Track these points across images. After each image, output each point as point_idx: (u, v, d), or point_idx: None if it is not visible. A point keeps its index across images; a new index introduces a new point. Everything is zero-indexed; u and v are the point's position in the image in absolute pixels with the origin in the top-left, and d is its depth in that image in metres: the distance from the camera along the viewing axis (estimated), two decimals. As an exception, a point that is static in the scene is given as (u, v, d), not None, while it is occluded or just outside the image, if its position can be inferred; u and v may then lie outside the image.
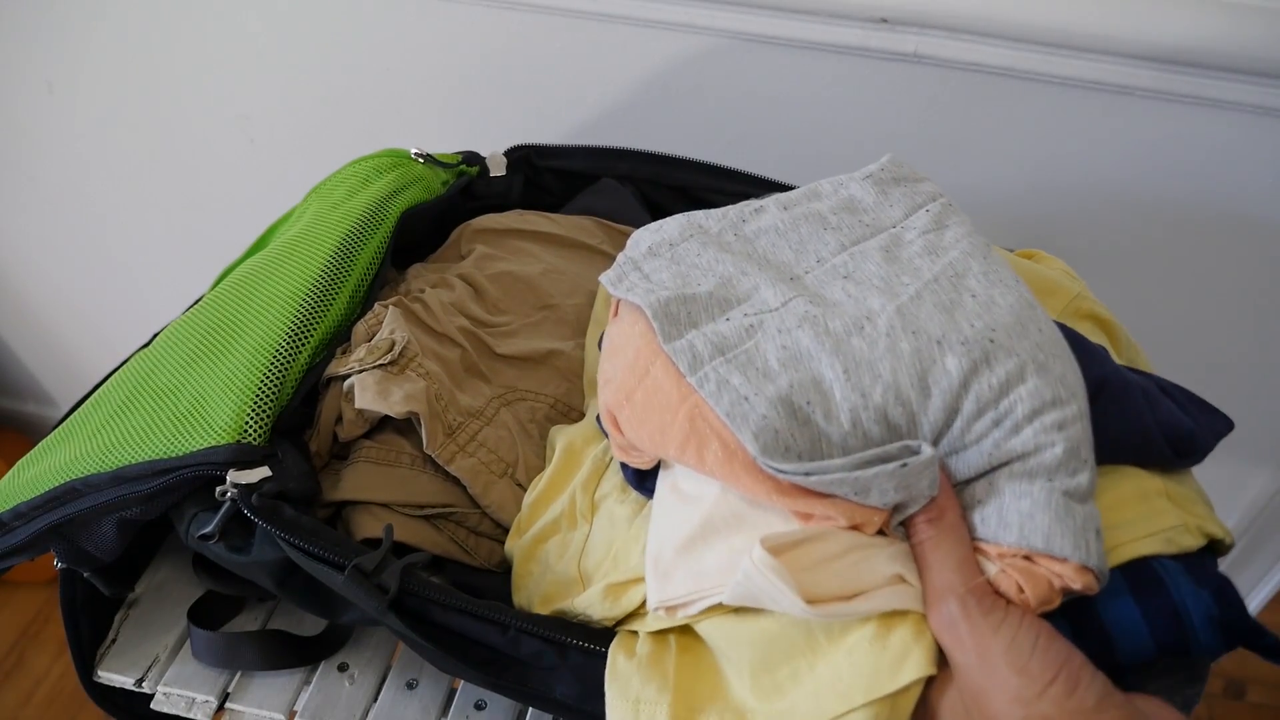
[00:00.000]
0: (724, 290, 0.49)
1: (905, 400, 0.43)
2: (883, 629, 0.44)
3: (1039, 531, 0.42)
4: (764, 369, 0.45)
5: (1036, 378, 0.43)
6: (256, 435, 0.54)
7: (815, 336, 0.45)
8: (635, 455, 0.52)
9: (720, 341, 0.47)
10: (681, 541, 0.47)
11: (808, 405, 0.44)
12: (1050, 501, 0.42)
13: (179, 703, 0.62)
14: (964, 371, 0.43)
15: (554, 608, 0.54)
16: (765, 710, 0.45)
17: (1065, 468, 0.43)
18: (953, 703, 0.43)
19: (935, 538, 0.44)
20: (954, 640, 0.42)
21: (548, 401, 0.64)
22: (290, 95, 1.09)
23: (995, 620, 0.41)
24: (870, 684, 0.43)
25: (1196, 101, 0.82)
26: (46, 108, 1.20)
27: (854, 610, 0.43)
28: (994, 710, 0.40)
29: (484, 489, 0.57)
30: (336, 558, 0.51)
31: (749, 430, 0.43)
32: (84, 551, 0.58)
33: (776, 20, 0.87)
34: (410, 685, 0.62)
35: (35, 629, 1.61)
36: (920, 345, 0.44)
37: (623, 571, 0.52)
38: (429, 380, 0.59)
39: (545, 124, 1.02)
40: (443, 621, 0.52)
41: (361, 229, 0.66)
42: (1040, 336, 0.44)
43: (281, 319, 0.59)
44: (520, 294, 0.70)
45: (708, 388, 0.45)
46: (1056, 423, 0.43)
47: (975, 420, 0.43)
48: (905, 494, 0.43)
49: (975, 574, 0.43)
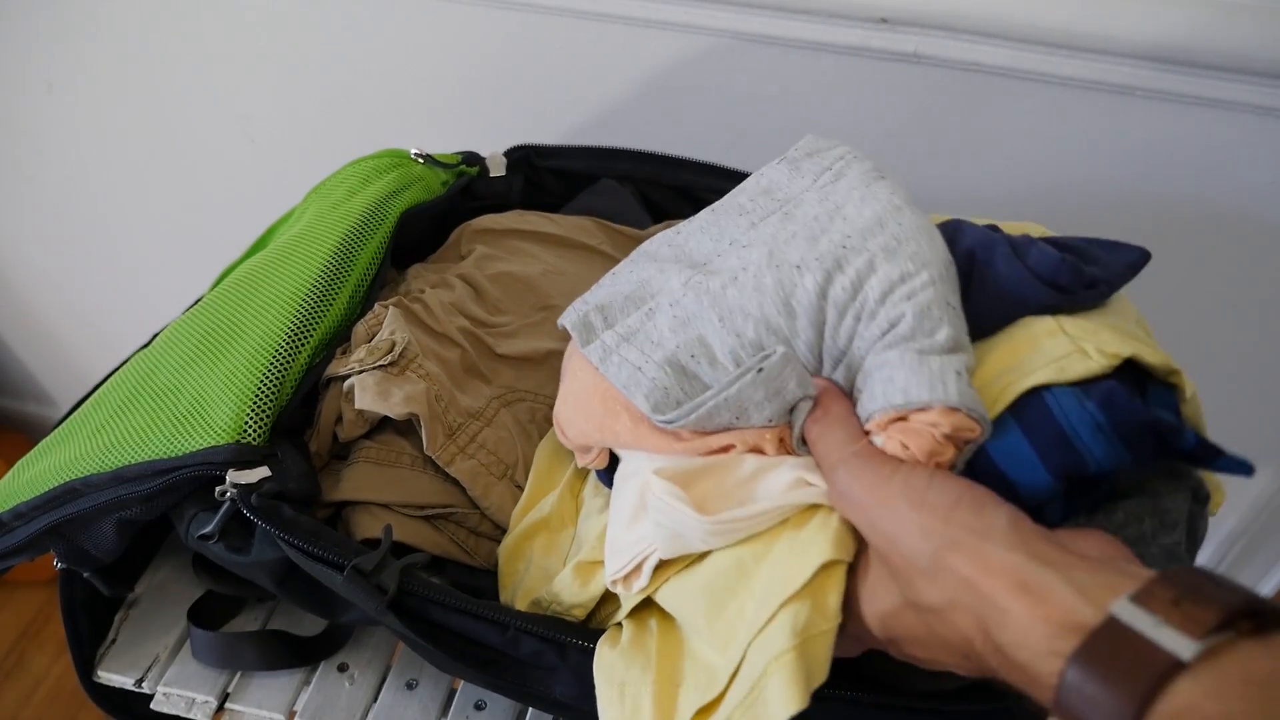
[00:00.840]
0: (640, 291, 0.53)
1: (776, 328, 0.46)
2: (794, 531, 0.45)
3: (897, 389, 0.43)
4: (657, 340, 0.49)
5: (885, 264, 0.45)
6: (256, 435, 0.54)
7: (697, 299, 0.49)
8: (584, 455, 0.55)
9: (626, 331, 0.51)
10: (627, 517, 0.50)
11: (693, 359, 0.48)
12: (904, 360, 0.44)
13: (178, 703, 0.62)
14: (819, 284, 0.46)
15: (531, 599, 0.55)
16: (726, 659, 0.45)
17: (921, 329, 0.44)
18: (875, 583, 0.43)
19: (822, 432, 0.45)
20: (853, 505, 0.42)
21: (547, 402, 0.64)
22: (290, 95, 1.09)
23: (886, 471, 0.42)
24: (785, 585, 0.43)
25: (1196, 101, 0.81)
26: (46, 108, 1.20)
27: (748, 514, 0.45)
28: (906, 555, 0.40)
29: (484, 491, 0.57)
30: (336, 558, 0.51)
31: (641, 394, 0.47)
32: (84, 551, 0.57)
33: (776, 20, 0.87)
34: (410, 685, 0.62)
35: (35, 629, 1.61)
36: (782, 275, 0.47)
37: (589, 552, 0.54)
38: (429, 381, 0.59)
39: (545, 124, 1.02)
40: (442, 621, 0.52)
41: (361, 229, 0.66)
42: (897, 229, 0.47)
43: (281, 319, 0.59)
44: (520, 294, 0.70)
45: (610, 369, 0.49)
46: (904, 295, 0.45)
47: (840, 324, 0.46)
48: (779, 400, 0.46)
49: (859, 440, 0.44)
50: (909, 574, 0.40)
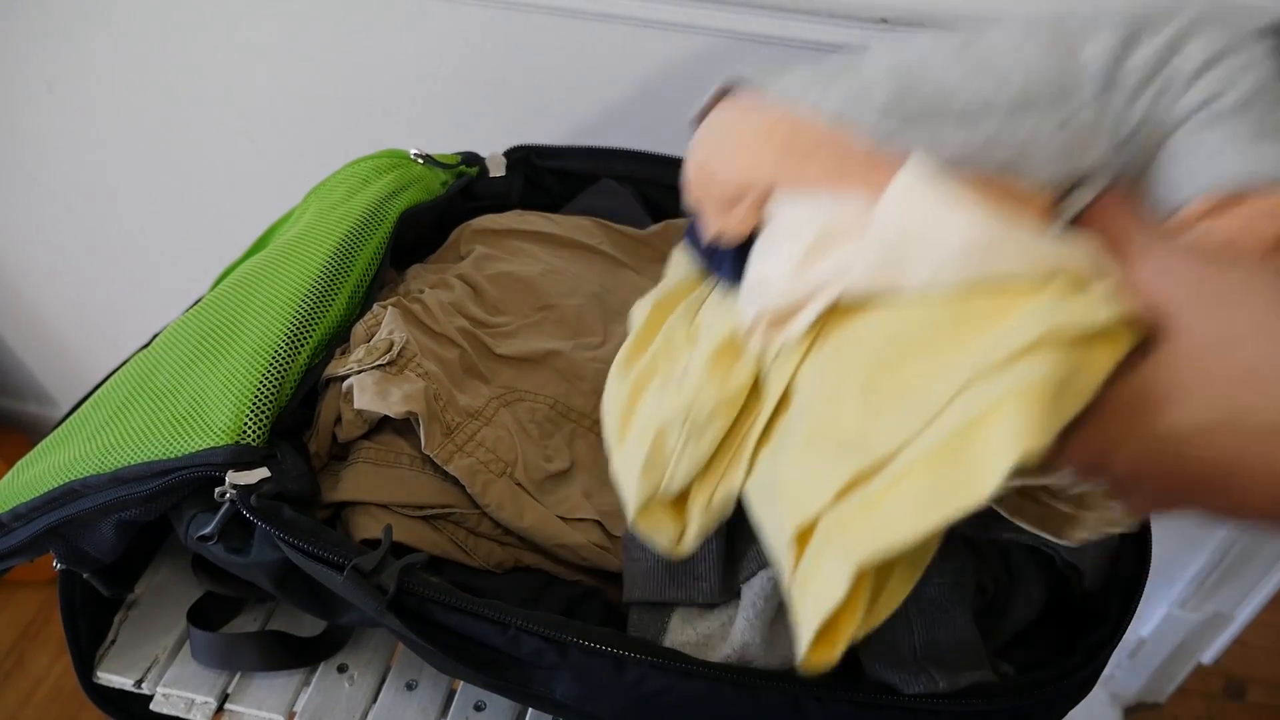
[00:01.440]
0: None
1: (1037, 97, 0.36)
2: (1063, 289, 0.35)
3: (1224, 169, 0.34)
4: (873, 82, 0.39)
5: (1209, 29, 0.36)
6: (255, 436, 0.54)
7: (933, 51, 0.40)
8: (724, 211, 0.44)
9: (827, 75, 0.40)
10: (798, 255, 0.39)
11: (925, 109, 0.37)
12: (1234, 136, 0.34)
13: (178, 704, 0.62)
14: (1114, 47, 0.36)
15: (658, 426, 0.45)
16: (886, 424, 0.35)
17: (1252, 107, 0.35)
18: (1176, 387, 0.34)
19: (1126, 213, 0.36)
20: (1176, 285, 0.34)
21: (547, 402, 0.64)
22: (290, 95, 1.09)
23: (1222, 263, 0.33)
24: (1053, 316, 0.33)
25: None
26: (46, 108, 1.20)
27: (1029, 243, 0.34)
28: (1249, 363, 0.32)
29: (482, 489, 0.56)
30: (335, 558, 0.51)
31: (872, 112, 0.37)
32: (83, 552, 0.57)
33: (776, 20, 0.87)
34: (410, 686, 0.62)
35: (35, 629, 1.61)
36: (1059, 33, 0.38)
37: (722, 342, 0.43)
38: (428, 380, 0.59)
39: (545, 124, 1.02)
40: (442, 621, 0.52)
41: (360, 230, 0.66)
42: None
43: (280, 320, 0.59)
44: (519, 294, 0.70)
45: (805, 104, 0.39)
46: (1231, 67, 0.35)
47: (1136, 98, 0.37)
48: (1071, 163, 0.36)
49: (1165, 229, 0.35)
50: (1248, 385, 0.32)
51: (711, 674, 0.49)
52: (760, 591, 0.51)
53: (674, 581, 0.53)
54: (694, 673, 0.49)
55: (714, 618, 0.52)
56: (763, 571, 0.51)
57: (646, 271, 0.77)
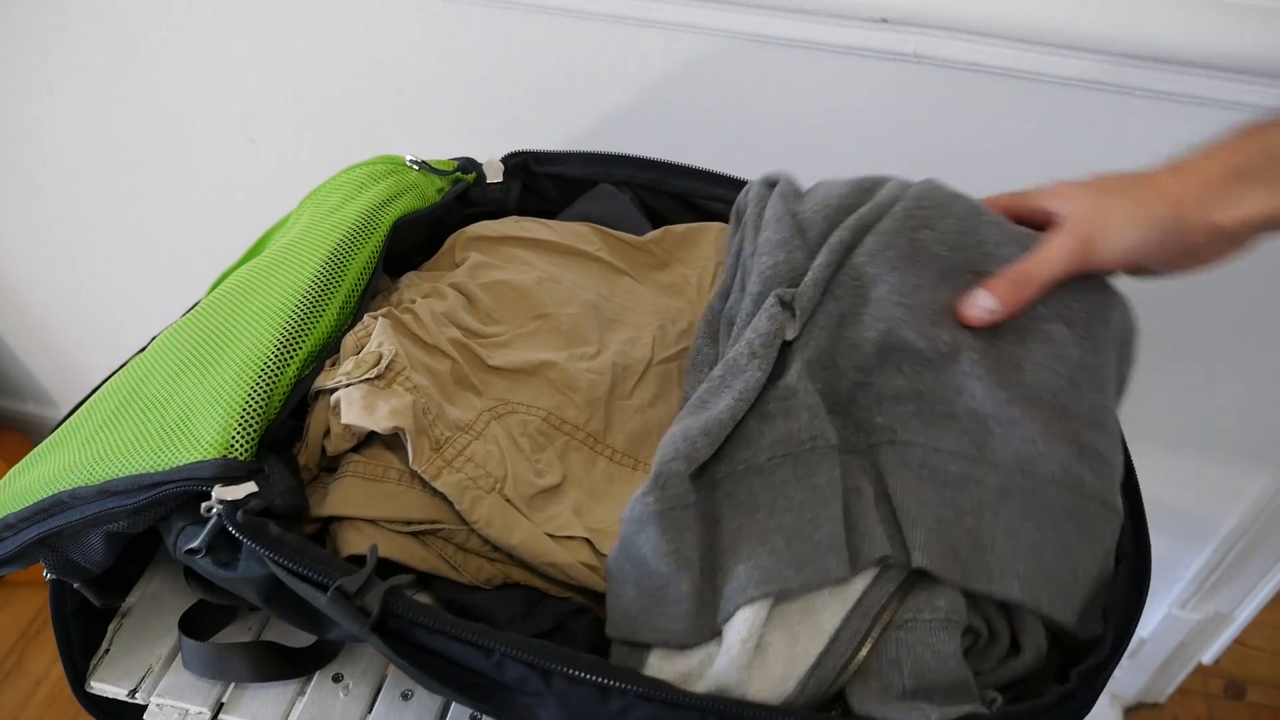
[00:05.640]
0: None
1: None
2: None
3: None
4: None
5: None
6: (243, 450, 0.54)
7: None
8: None
9: None
10: None
11: None
12: None
13: (172, 714, 0.62)
14: None
15: None
16: None
17: None
18: None
19: None
20: None
21: (539, 414, 0.63)
22: (290, 95, 1.09)
23: None
24: None
25: (1197, 101, 0.81)
26: (46, 108, 1.20)
27: None
28: None
29: (471, 505, 0.56)
30: (320, 577, 0.51)
31: None
32: (73, 563, 0.57)
33: (776, 20, 0.87)
34: (405, 696, 0.62)
35: (35, 629, 1.62)
36: None
37: None
38: (416, 394, 0.58)
39: (543, 128, 1.02)
40: (427, 644, 0.51)
41: (353, 238, 0.66)
42: None
43: (270, 331, 0.59)
44: (514, 303, 0.69)
45: None
46: None
47: None
48: None
49: None
50: None
51: (698, 705, 0.48)
52: (739, 631, 0.50)
53: (647, 623, 0.52)
54: (681, 703, 0.48)
55: (693, 655, 0.51)
56: (740, 611, 0.51)
57: (645, 278, 0.76)
